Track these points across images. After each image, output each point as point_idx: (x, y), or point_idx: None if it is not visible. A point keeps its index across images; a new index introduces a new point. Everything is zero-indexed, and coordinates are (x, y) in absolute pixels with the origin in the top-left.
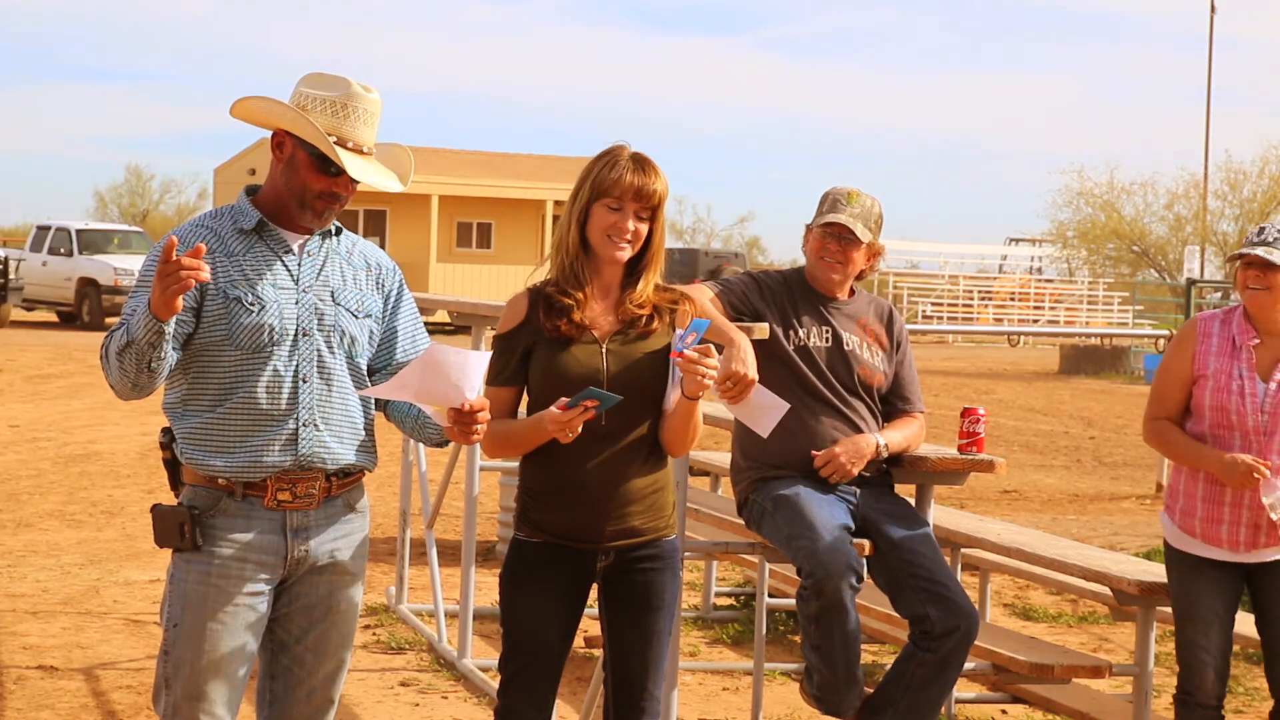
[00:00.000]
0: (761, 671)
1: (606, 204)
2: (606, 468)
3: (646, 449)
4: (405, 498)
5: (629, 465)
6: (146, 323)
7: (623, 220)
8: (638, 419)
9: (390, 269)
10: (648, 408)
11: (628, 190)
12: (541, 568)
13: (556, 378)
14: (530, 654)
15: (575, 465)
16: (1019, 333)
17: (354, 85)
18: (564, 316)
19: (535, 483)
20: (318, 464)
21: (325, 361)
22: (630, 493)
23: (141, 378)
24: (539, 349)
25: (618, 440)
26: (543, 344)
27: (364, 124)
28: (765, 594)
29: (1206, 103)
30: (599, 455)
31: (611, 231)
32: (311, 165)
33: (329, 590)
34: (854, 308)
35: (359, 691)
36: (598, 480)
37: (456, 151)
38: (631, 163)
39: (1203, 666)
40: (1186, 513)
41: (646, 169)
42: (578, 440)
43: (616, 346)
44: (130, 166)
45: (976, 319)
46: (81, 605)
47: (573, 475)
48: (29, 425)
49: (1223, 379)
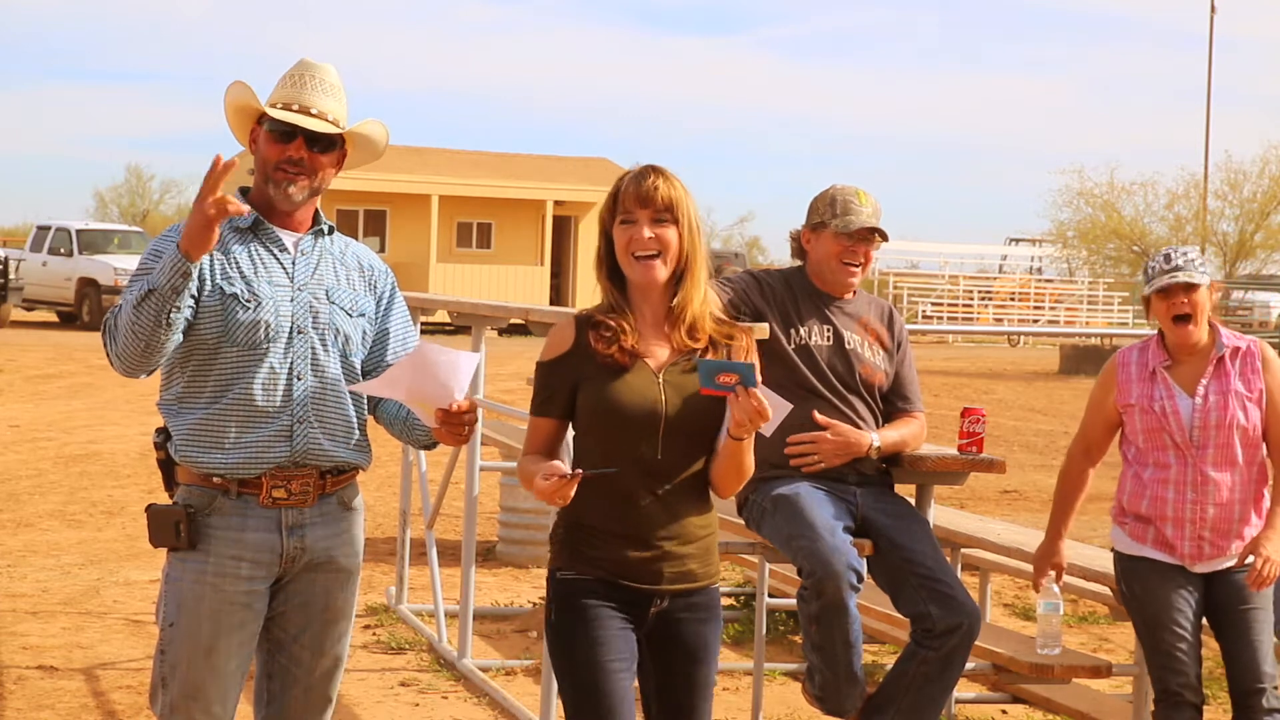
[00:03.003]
0: (761, 671)
1: (620, 220)
2: (664, 505)
3: (700, 487)
4: (405, 498)
5: (684, 503)
6: (174, 264)
7: (637, 231)
8: (693, 455)
9: (383, 271)
10: (703, 445)
11: (632, 199)
12: (598, 606)
13: (611, 410)
14: (604, 697)
15: (633, 500)
16: (1019, 333)
17: (307, 59)
18: (615, 343)
19: (589, 517)
20: (311, 461)
21: (320, 359)
22: (687, 533)
23: (158, 334)
24: (589, 378)
25: (674, 476)
26: (593, 373)
27: (320, 92)
28: (765, 594)
29: (1206, 103)
30: (657, 491)
31: (631, 247)
32: (268, 139)
33: (325, 588)
34: (855, 307)
35: (359, 691)
36: (657, 518)
37: (456, 151)
38: (636, 172)
39: (1184, 667)
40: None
41: (648, 174)
42: (633, 474)
43: (674, 377)
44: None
45: (976, 319)
46: (81, 605)
47: (631, 511)
48: (29, 425)
49: (1145, 403)
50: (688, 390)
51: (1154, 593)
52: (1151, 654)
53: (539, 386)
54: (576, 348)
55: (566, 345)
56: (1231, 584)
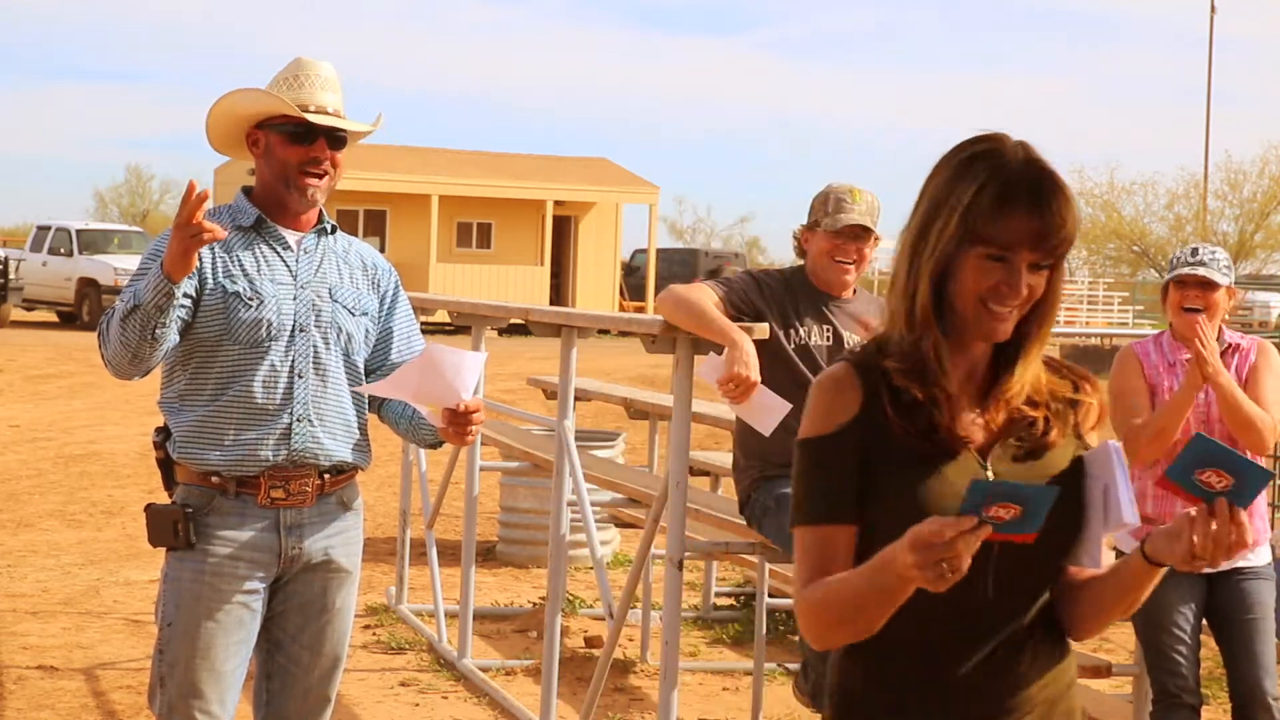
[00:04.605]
0: (761, 671)
1: (976, 246)
2: (992, 663)
3: (1044, 628)
4: (405, 498)
5: (1021, 656)
6: (157, 284)
7: (1011, 276)
8: (1037, 583)
9: (386, 270)
10: (1050, 565)
11: (1023, 233)
12: None
13: (921, 513)
14: None
15: (942, 656)
16: None
17: (303, 58)
18: (926, 418)
19: (876, 682)
20: (310, 460)
21: (321, 357)
22: (1025, 703)
23: (144, 347)
24: (885, 466)
25: (1007, 617)
26: (891, 457)
27: (320, 89)
28: (765, 594)
29: (1206, 103)
30: (978, 641)
31: (991, 296)
32: (284, 142)
33: (324, 588)
34: (856, 306)
35: (359, 691)
36: (981, 683)
37: (456, 151)
38: (1027, 184)
39: (1182, 669)
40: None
41: (1052, 191)
42: (948, 623)
43: (1005, 466)
44: (130, 166)
45: None
46: (81, 605)
47: (939, 672)
48: (29, 425)
49: (1165, 395)
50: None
51: (1154, 594)
52: (1150, 655)
53: (810, 479)
54: (866, 416)
55: (851, 411)
56: (1236, 589)
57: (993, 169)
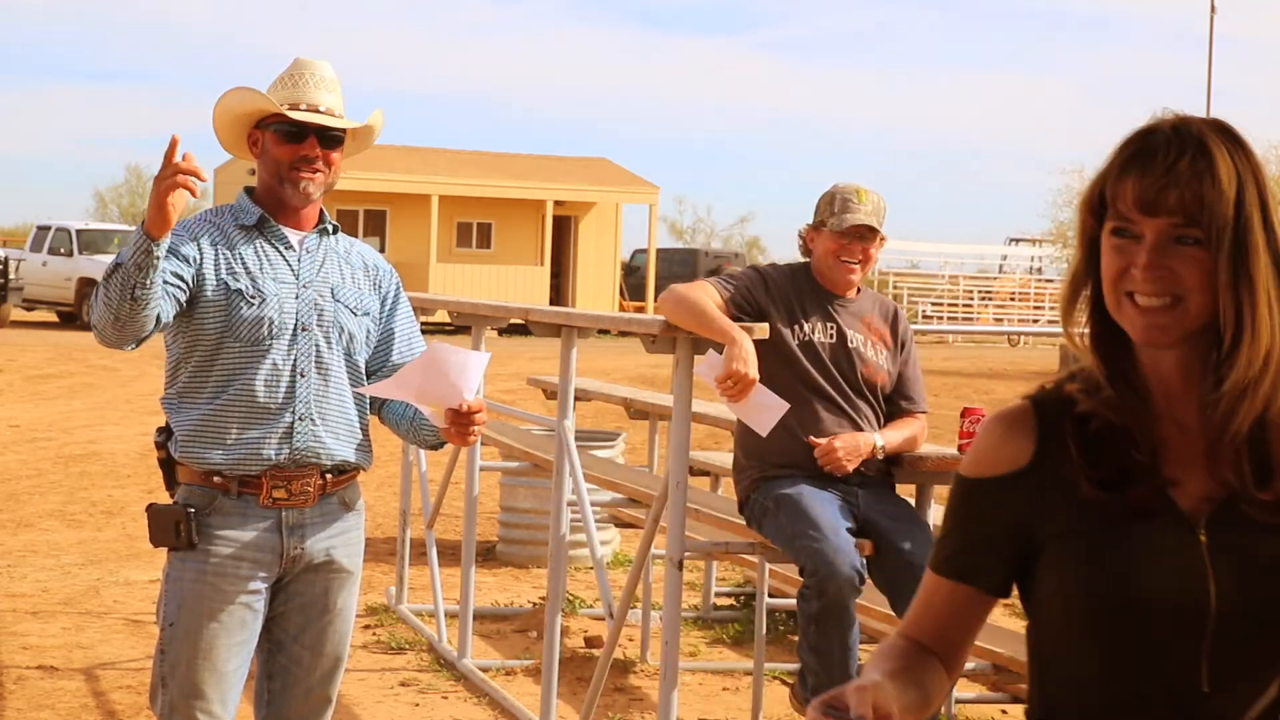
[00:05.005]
0: (762, 671)
1: (1113, 227)
2: None
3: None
4: (405, 498)
5: None
6: (138, 242)
7: (1133, 253)
8: (1265, 680)
9: (387, 271)
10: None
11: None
12: None
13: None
14: None
15: None
16: (1019, 333)
17: (302, 58)
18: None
19: None
20: (312, 459)
21: (323, 357)
22: None
23: (124, 307)
24: (1064, 535)
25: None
26: (1073, 522)
27: (315, 88)
28: (765, 594)
29: (1207, 103)
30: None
31: (1122, 282)
32: (277, 140)
33: (325, 589)
34: (860, 306)
35: (359, 691)
36: None
37: (456, 151)
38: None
39: None
40: None
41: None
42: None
43: (1230, 537)
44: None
45: (976, 319)
46: (81, 605)
47: None
48: (29, 425)
49: None
50: (1258, 562)
51: None
52: None
53: (952, 523)
54: (1040, 465)
55: (1024, 458)
56: None
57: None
